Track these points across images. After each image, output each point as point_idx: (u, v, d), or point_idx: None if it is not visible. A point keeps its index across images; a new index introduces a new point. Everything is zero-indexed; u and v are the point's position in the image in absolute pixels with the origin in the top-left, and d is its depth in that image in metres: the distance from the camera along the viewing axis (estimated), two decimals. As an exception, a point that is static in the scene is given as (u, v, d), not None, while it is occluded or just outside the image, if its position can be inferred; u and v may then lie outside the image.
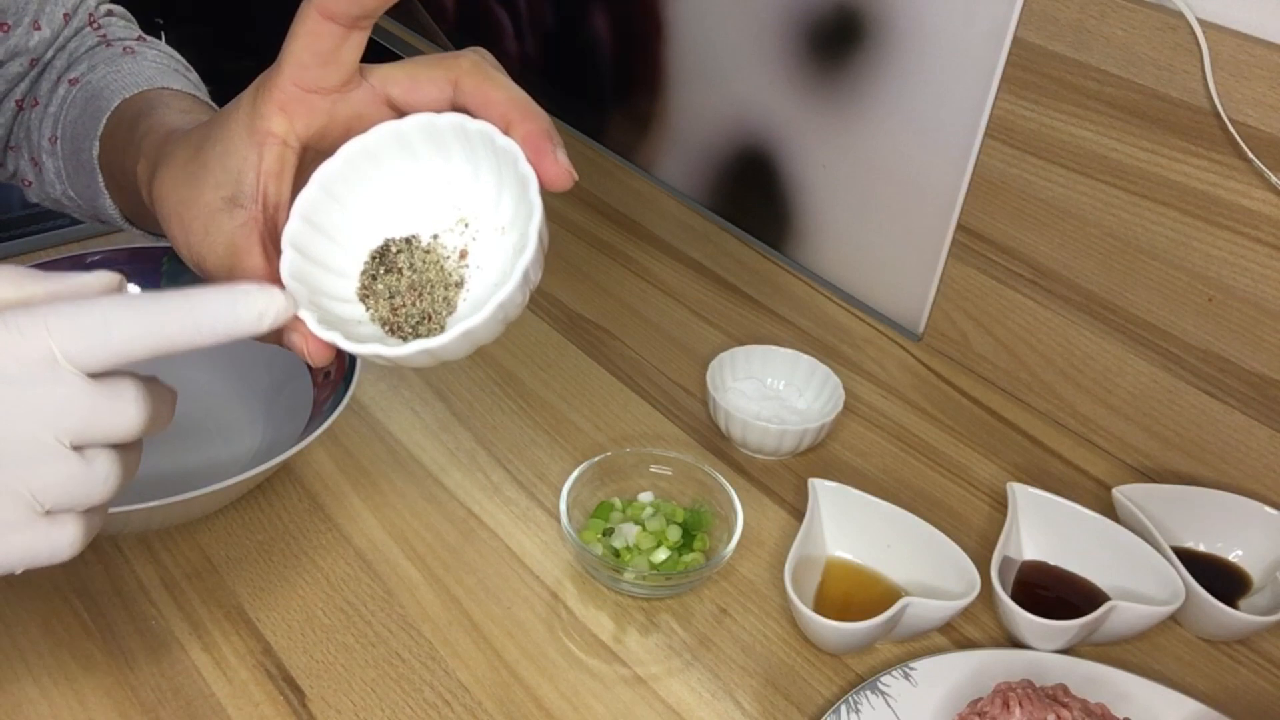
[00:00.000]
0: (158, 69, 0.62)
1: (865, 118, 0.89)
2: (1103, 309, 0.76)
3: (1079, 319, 0.78)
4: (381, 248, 0.44)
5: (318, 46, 0.41)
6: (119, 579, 0.62)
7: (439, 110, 0.42)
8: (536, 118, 0.41)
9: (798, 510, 0.71)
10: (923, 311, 0.89)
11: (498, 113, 0.41)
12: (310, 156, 0.44)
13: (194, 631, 0.59)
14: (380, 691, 0.57)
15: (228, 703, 0.56)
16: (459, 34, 1.33)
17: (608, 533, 0.66)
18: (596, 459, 0.68)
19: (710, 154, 1.04)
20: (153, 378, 0.39)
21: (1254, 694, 0.63)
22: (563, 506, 0.64)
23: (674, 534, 0.66)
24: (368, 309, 0.43)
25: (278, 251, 0.42)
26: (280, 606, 0.61)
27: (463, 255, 0.44)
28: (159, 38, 0.70)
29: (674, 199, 1.06)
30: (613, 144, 1.15)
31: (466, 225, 0.44)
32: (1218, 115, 0.66)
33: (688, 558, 0.65)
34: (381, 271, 0.43)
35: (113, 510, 0.56)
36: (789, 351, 0.79)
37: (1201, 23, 0.66)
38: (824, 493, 0.67)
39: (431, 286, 0.43)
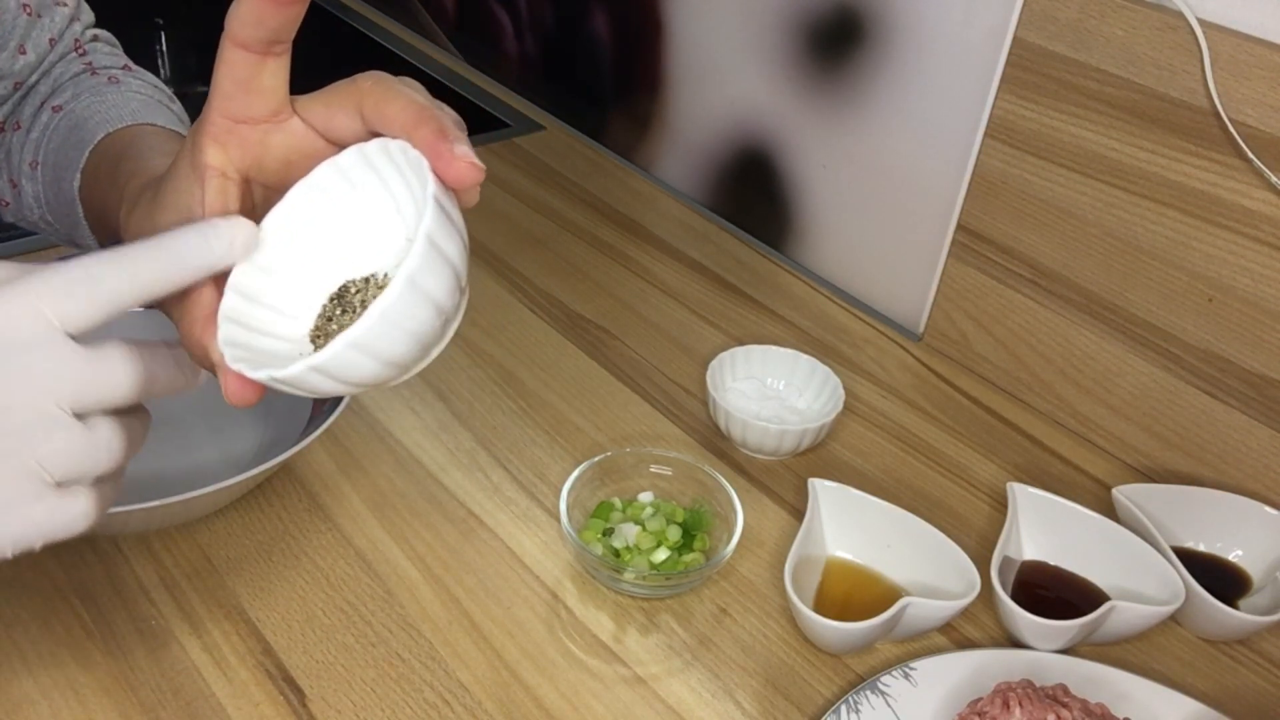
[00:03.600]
0: (142, 101, 0.62)
1: (865, 118, 0.89)
2: (1103, 309, 0.76)
3: (1079, 319, 0.78)
4: (340, 289, 0.43)
5: (236, 75, 0.41)
6: (119, 579, 0.62)
7: (358, 138, 0.42)
8: (429, 119, 0.40)
9: (798, 510, 0.71)
10: (923, 311, 0.89)
11: (397, 126, 0.41)
12: (258, 193, 0.44)
13: (194, 631, 0.59)
14: (380, 691, 0.57)
15: (228, 703, 0.56)
16: (459, 34, 1.33)
17: (608, 533, 0.66)
18: (596, 459, 0.68)
19: (710, 154, 1.04)
20: (167, 342, 0.40)
21: (1254, 694, 0.63)
22: (563, 506, 0.64)
23: (674, 534, 0.66)
24: (316, 349, 0.42)
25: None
26: (280, 606, 0.61)
27: None
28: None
29: (674, 199, 1.06)
30: (613, 144, 1.15)
31: None
32: (1218, 115, 0.66)
33: (688, 558, 0.65)
34: (338, 313, 0.43)
35: (113, 510, 0.56)
36: (789, 351, 0.79)
37: (1201, 23, 0.66)
38: (824, 493, 0.67)
39: None
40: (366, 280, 0.43)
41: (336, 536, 0.66)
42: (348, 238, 0.44)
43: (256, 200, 0.45)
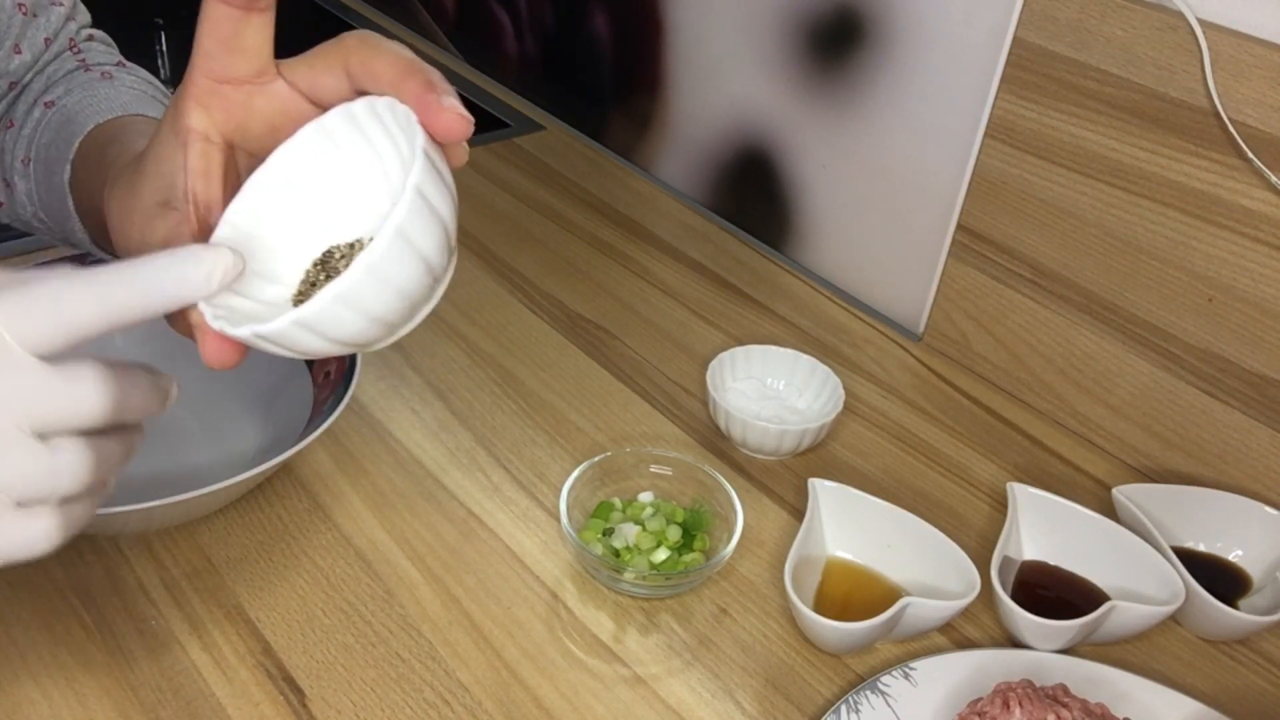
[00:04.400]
0: (134, 95, 0.62)
1: (865, 118, 0.89)
2: (1103, 309, 0.76)
3: (1079, 319, 0.78)
4: (325, 254, 0.43)
5: (219, 33, 0.41)
6: (119, 579, 0.62)
7: (344, 98, 0.42)
8: (416, 72, 0.40)
9: (798, 510, 0.71)
10: (923, 311, 0.89)
11: (384, 82, 0.40)
12: (242, 159, 0.44)
13: (194, 631, 0.59)
14: (380, 691, 0.57)
15: (228, 703, 0.56)
16: (459, 34, 1.33)
17: (608, 533, 0.66)
18: (596, 459, 0.68)
19: (710, 154, 1.04)
20: (144, 365, 0.39)
21: (1254, 694, 0.63)
22: (563, 506, 0.64)
23: (674, 534, 0.66)
24: None
25: None
26: (280, 606, 0.61)
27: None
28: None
29: (674, 199, 1.06)
30: (613, 144, 1.15)
31: None
32: (1218, 115, 0.66)
33: (688, 558, 0.65)
34: (322, 278, 0.42)
35: (113, 510, 0.56)
36: (789, 351, 0.79)
37: (1201, 23, 0.66)
38: (824, 493, 0.67)
39: None
40: (351, 245, 0.43)
41: (336, 536, 0.66)
42: (332, 201, 0.43)
43: (241, 168, 0.44)
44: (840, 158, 0.92)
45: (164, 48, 1.53)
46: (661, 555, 0.64)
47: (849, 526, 0.66)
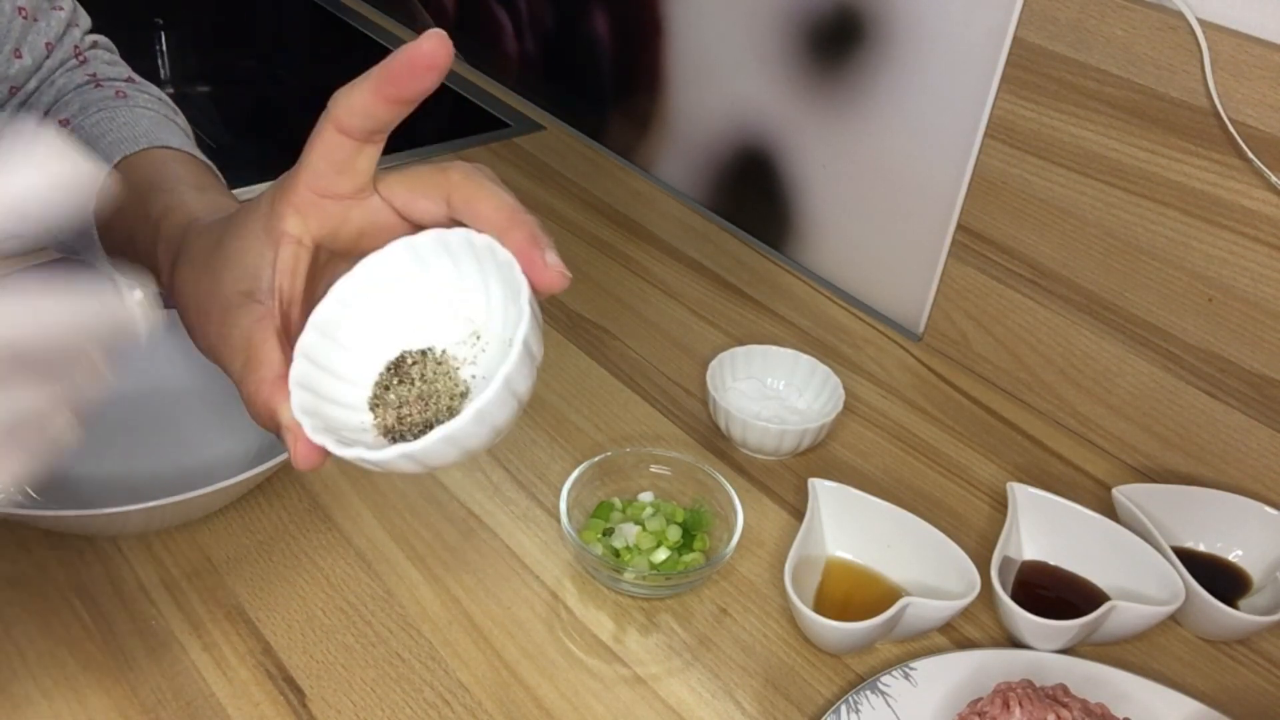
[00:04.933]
0: (152, 120, 0.62)
1: (865, 118, 0.89)
2: (1103, 309, 0.76)
3: (1079, 319, 0.78)
4: (398, 359, 0.44)
5: (333, 157, 0.42)
6: (119, 579, 0.62)
7: (437, 222, 0.43)
8: (523, 224, 0.41)
9: (798, 510, 0.71)
10: (923, 311, 0.89)
11: (488, 225, 0.42)
12: (324, 256, 0.45)
13: (194, 631, 0.59)
14: (380, 691, 0.57)
15: (228, 703, 0.56)
16: (459, 34, 1.33)
17: (608, 533, 0.66)
18: (596, 459, 0.68)
19: (710, 154, 1.04)
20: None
21: (1254, 694, 0.63)
22: (563, 506, 0.64)
23: (674, 534, 0.66)
24: (375, 418, 0.43)
25: (292, 345, 0.43)
26: (280, 606, 0.61)
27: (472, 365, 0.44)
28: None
29: (674, 199, 1.06)
30: (613, 144, 1.15)
31: (478, 338, 0.44)
32: (1218, 115, 0.66)
33: (688, 558, 0.65)
34: (395, 382, 0.43)
35: (113, 510, 0.56)
36: (789, 351, 0.79)
37: (1201, 23, 0.66)
38: (824, 493, 0.67)
39: (438, 396, 0.43)
40: (423, 353, 0.44)
41: (336, 536, 0.66)
42: (408, 312, 0.44)
43: (322, 262, 0.45)
44: (840, 158, 0.92)
45: (164, 48, 1.53)
46: (661, 555, 0.64)
47: (849, 526, 0.66)
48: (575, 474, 0.67)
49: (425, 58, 0.39)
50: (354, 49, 1.39)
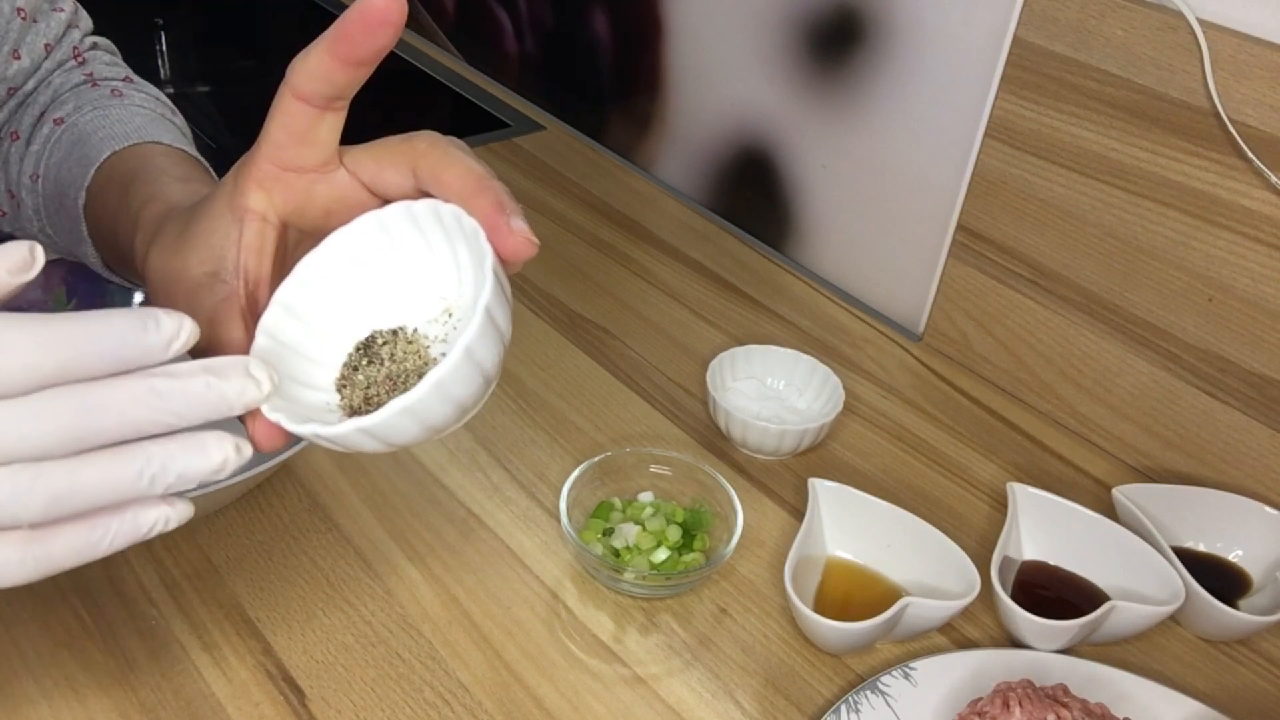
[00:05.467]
0: (146, 117, 0.61)
1: (865, 118, 0.89)
2: (1103, 309, 0.76)
3: (1079, 319, 0.78)
4: (367, 339, 0.43)
5: (293, 126, 0.41)
6: (119, 579, 0.62)
7: (405, 194, 0.42)
8: (488, 189, 0.40)
9: (798, 510, 0.71)
10: (923, 311, 0.89)
11: (454, 193, 0.41)
12: (293, 236, 0.44)
13: (194, 631, 0.59)
14: (380, 691, 0.57)
15: (228, 703, 0.56)
16: (459, 34, 1.33)
17: (608, 533, 0.66)
18: (596, 459, 0.68)
19: (710, 154, 1.04)
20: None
21: (1254, 694, 0.63)
22: (563, 506, 0.64)
23: (674, 534, 0.66)
24: (342, 398, 0.42)
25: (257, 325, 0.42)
26: (280, 606, 0.61)
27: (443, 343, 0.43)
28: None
29: (674, 199, 1.06)
30: (613, 144, 1.15)
31: (450, 315, 0.43)
32: (1218, 115, 0.66)
33: (688, 558, 0.65)
34: (364, 363, 0.43)
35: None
36: (789, 351, 0.79)
37: (1201, 23, 0.66)
38: (824, 493, 0.67)
39: (407, 376, 0.42)
40: (394, 333, 0.43)
41: (336, 536, 0.66)
42: (379, 290, 0.44)
43: (290, 242, 0.44)
44: (840, 158, 0.92)
45: (164, 48, 1.53)
46: (661, 555, 0.64)
47: (849, 526, 0.66)
48: (575, 474, 0.67)
49: (378, 13, 0.38)
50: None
